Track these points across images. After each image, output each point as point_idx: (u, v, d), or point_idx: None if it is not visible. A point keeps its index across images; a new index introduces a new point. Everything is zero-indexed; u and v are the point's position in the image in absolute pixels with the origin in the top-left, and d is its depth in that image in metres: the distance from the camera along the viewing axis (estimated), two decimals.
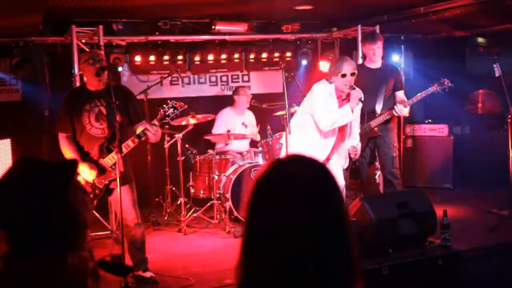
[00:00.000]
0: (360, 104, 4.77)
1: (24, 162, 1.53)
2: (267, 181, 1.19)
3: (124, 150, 4.27)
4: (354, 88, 4.67)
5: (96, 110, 4.35)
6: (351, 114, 4.67)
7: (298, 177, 1.17)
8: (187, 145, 6.60)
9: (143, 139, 4.36)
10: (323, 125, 4.69)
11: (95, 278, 1.46)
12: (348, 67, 4.66)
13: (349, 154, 4.92)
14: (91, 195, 4.33)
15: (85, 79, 4.56)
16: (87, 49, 6.17)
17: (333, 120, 4.66)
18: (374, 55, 5.69)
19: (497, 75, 5.94)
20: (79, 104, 4.36)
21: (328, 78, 4.77)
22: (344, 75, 4.65)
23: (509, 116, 5.89)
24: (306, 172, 1.19)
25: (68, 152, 4.34)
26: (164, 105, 4.42)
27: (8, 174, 1.48)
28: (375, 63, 5.74)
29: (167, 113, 4.37)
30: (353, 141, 4.90)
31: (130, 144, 4.31)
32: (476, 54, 7.93)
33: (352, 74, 4.67)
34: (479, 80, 8.33)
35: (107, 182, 4.36)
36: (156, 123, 4.32)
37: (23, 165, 1.52)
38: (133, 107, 4.45)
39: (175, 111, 4.39)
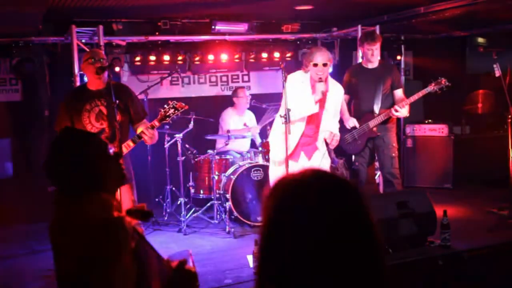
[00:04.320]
0: (339, 98, 4.79)
1: (68, 132, 2.27)
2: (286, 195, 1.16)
3: (124, 150, 4.28)
4: (322, 81, 4.66)
5: (96, 110, 4.34)
6: (314, 106, 4.65)
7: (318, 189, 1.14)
8: (187, 145, 6.61)
9: (141, 140, 4.37)
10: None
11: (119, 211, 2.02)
12: (320, 57, 4.64)
13: (325, 140, 4.87)
14: None
15: (85, 79, 4.56)
16: (87, 49, 6.16)
17: (297, 111, 4.62)
18: (372, 56, 5.68)
19: (497, 75, 5.94)
20: (80, 104, 4.35)
21: (304, 68, 4.77)
22: (315, 65, 4.65)
23: (509, 116, 5.89)
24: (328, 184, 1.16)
25: None
26: (165, 105, 4.42)
27: (56, 144, 2.10)
28: (373, 63, 5.74)
29: (168, 114, 4.38)
30: (326, 133, 4.86)
31: (130, 144, 4.31)
32: (476, 54, 7.93)
33: (324, 65, 4.65)
34: (479, 80, 8.33)
35: None
36: (157, 123, 4.32)
37: (67, 135, 2.18)
38: (134, 106, 4.45)
39: (176, 111, 4.41)
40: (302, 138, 4.84)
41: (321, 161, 4.90)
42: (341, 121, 5.86)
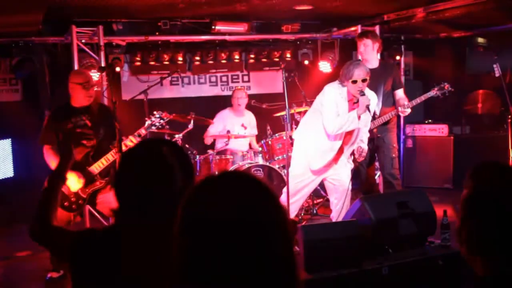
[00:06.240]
0: (371, 108, 4.75)
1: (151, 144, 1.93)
2: (199, 200, 1.18)
3: (104, 163, 4.46)
4: (364, 94, 4.60)
5: (81, 123, 4.50)
6: (357, 121, 4.62)
7: (231, 195, 1.16)
8: (187, 145, 6.61)
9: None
10: (330, 129, 4.70)
11: None
12: (359, 73, 4.57)
13: (354, 153, 4.92)
14: (73, 206, 4.39)
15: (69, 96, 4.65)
16: (87, 49, 6.18)
17: (339, 125, 4.65)
18: (361, 53, 5.65)
19: (497, 75, 5.95)
20: (65, 118, 4.50)
21: (341, 82, 4.74)
22: (355, 82, 4.59)
23: (509, 116, 5.89)
24: (240, 187, 1.18)
25: (55, 162, 4.45)
26: (151, 115, 4.71)
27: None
28: (370, 63, 5.68)
29: (154, 123, 4.67)
30: (360, 143, 4.89)
31: (109, 158, 4.45)
32: (476, 54, 7.94)
33: (364, 80, 4.59)
34: (479, 80, 8.33)
35: (90, 192, 4.44)
36: (143, 131, 4.57)
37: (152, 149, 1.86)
38: (113, 127, 4.65)
39: (161, 121, 4.70)
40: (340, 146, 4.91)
41: (345, 164, 4.98)
42: None
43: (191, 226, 1.15)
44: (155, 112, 4.72)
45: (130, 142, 4.43)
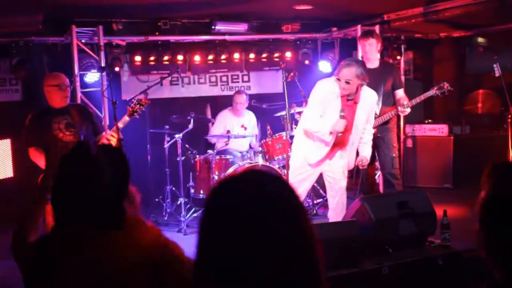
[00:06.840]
0: (370, 107, 4.73)
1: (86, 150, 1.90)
2: (222, 200, 1.18)
3: None
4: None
5: (64, 122, 4.66)
6: (328, 136, 4.56)
7: (254, 195, 1.15)
8: (187, 145, 6.61)
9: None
10: (305, 124, 4.69)
11: None
12: (345, 73, 4.46)
13: (358, 164, 4.87)
14: None
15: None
16: (87, 49, 6.18)
17: (315, 128, 4.61)
18: (365, 52, 5.67)
19: (497, 75, 5.94)
20: (47, 118, 4.65)
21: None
22: (338, 79, 4.51)
23: (509, 116, 5.89)
24: (263, 188, 1.17)
25: (43, 161, 4.58)
26: (131, 102, 4.93)
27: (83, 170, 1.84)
28: (372, 63, 5.69)
29: (135, 109, 4.88)
30: (364, 152, 4.83)
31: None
32: (476, 54, 7.94)
33: (347, 82, 4.47)
34: (479, 80, 8.33)
35: None
36: (127, 118, 4.82)
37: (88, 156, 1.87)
38: (96, 122, 5.01)
39: (141, 106, 4.93)
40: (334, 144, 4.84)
41: (342, 168, 4.93)
42: None
43: (215, 225, 1.17)
44: (133, 100, 4.94)
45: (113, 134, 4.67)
